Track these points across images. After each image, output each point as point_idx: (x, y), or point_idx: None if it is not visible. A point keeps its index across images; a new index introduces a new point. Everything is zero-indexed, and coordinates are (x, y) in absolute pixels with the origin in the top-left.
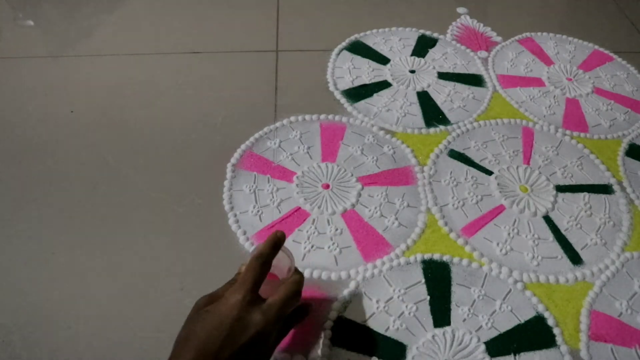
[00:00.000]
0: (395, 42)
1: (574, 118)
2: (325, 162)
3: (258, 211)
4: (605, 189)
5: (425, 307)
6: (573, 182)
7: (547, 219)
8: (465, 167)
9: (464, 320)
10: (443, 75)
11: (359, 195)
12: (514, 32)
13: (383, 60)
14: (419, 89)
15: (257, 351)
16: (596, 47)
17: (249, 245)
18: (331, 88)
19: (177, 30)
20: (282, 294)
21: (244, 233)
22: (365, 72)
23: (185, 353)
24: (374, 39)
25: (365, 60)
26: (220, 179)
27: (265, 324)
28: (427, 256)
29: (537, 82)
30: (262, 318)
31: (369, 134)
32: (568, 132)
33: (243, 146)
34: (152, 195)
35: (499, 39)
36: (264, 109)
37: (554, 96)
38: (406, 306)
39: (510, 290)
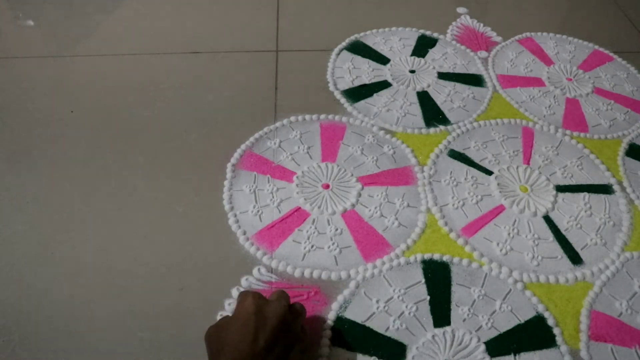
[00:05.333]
0: (395, 42)
1: (574, 118)
2: (325, 162)
3: (258, 211)
4: (605, 189)
5: (425, 307)
6: (573, 182)
7: (547, 219)
8: (465, 167)
9: (464, 320)
10: (443, 75)
11: (359, 195)
12: (514, 32)
13: (383, 60)
14: (419, 89)
15: (286, 336)
16: (596, 47)
17: (249, 245)
18: (331, 88)
19: (177, 30)
20: (278, 293)
21: (244, 233)
22: (365, 72)
23: (223, 357)
24: (374, 39)
25: (365, 60)
26: (220, 179)
27: (283, 310)
28: (427, 256)
29: (537, 82)
30: (277, 305)
31: (369, 134)
32: (568, 132)
33: (243, 146)
34: (151, 195)
35: (499, 39)
36: (264, 109)
37: (554, 96)
38: (406, 306)
39: (510, 290)
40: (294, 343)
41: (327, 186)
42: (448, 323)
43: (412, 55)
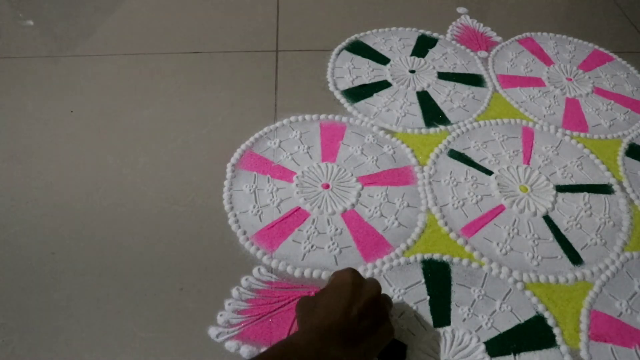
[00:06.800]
0: (395, 42)
1: (574, 118)
2: (325, 162)
3: (258, 211)
4: (605, 189)
5: (425, 307)
6: (573, 182)
7: (547, 219)
8: (465, 167)
9: (464, 320)
10: (443, 75)
11: (359, 195)
12: (514, 32)
13: (383, 60)
14: (419, 89)
15: (378, 312)
16: (596, 47)
17: (249, 245)
18: (331, 88)
19: (177, 30)
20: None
21: (244, 233)
22: (365, 72)
23: (313, 319)
24: (374, 39)
25: (365, 60)
26: (220, 179)
27: (378, 288)
28: (427, 256)
29: (537, 82)
30: (373, 282)
31: (369, 134)
32: (568, 132)
33: (243, 146)
34: (151, 195)
35: (499, 39)
36: (264, 109)
37: (554, 96)
38: (406, 306)
39: (510, 290)
40: (383, 320)
41: (327, 186)
42: (448, 323)
43: (412, 55)
